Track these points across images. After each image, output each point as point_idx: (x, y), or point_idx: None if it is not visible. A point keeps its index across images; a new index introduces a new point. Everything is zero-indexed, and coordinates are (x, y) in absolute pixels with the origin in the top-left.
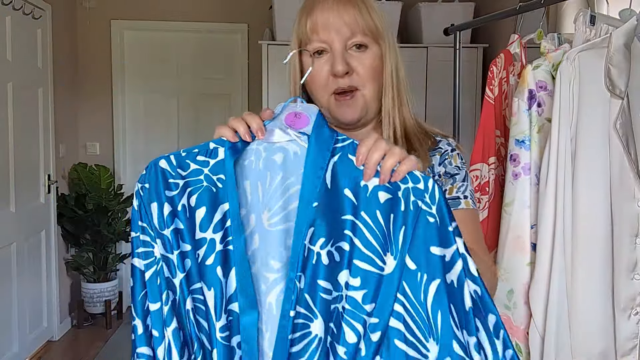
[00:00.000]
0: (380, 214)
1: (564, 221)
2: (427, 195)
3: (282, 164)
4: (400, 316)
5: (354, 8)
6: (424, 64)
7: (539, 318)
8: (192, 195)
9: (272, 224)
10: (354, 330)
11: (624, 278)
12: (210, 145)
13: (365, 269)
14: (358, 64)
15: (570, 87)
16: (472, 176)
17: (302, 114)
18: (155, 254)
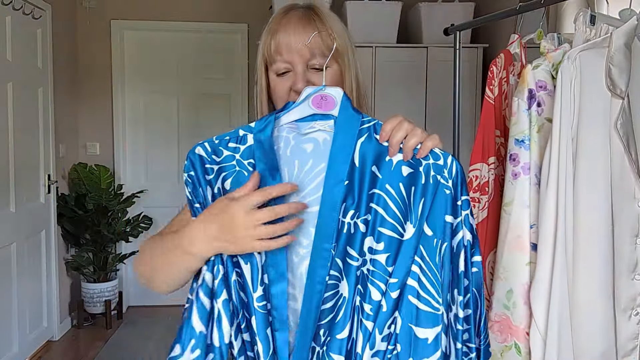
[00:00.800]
0: (402, 186)
1: (565, 221)
2: (445, 170)
3: (312, 152)
4: (416, 275)
5: (313, 31)
6: (424, 64)
7: (540, 318)
8: (226, 179)
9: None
10: (378, 289)
11: (624, 278)
12: (240, 132)
13: (388, 235)
14: (318, 81)
15: (572, 86)
16: (472, 176)
17: (328, 97)
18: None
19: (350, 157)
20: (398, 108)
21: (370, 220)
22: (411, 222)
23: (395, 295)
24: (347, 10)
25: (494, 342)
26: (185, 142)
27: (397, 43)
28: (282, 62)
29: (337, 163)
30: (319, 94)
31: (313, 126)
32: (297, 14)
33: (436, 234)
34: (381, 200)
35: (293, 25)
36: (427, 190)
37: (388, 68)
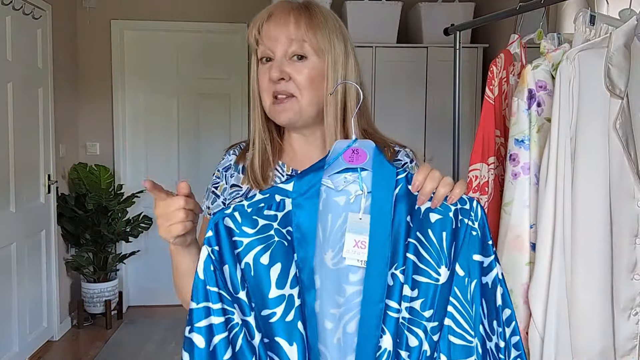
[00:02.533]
0: (432, 232)
1: (564, 221)
2: (472, 214)
3: (344, 205)
4: (451, 315)
5: (295, 21)
6: (424, 64)
7: (538, 318)
8: (264, 253)
9: (337, 262)
10: (415, 336)
11: (623, 278)
12: (276, 197)
13: (423, 282)
14: (295, 72)
15: (570, 86)
16: (472, 176)
17: (359, 150)
18: (235, 319)
19: (392, 213)
20: (398, 108)
21: (405, 269)
22: (445, 266)
23: (437, 338)
24: (347, 10)
25: None
26: (185, 142)
27: (397, 43)
28: (264, 48)
29: (381, 220)
30: (350, 148)
31: (346, 178)
32: (288, 5)
33: (466, 273)
34: (414, 248)
35: (278, 12)
36: (457, 234)
37: (388, 68)
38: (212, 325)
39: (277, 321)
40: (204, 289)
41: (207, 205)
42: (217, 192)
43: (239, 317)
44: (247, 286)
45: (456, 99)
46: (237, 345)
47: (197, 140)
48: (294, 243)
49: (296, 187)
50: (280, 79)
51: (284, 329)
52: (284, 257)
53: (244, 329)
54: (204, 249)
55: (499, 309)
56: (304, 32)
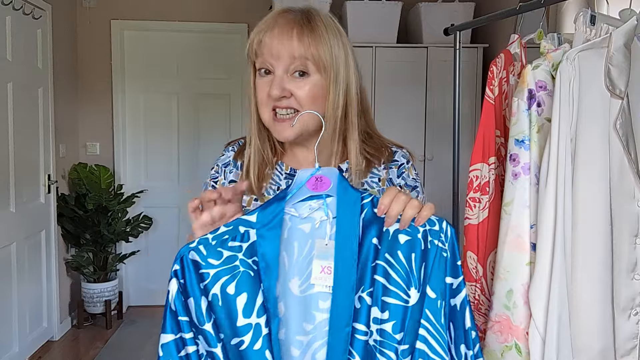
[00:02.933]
0: (401, 253)
1: (564, 221)
2: (442, 235)
3: (309, 233)
4: (423, 337)
5: (298, 37)
6: (424, 64)
7: (539, 318)
8: (230, 283)
9: (304, 289)
10: (387, 358)
11: (623, 278)
12: (240, 229)
13: (392, 303)
14: (296, 88)
15: (570, 87)
16: (472, 176)
17: (323, 177)
18: (201, 350)
19: (358, 236)
20: (398, 108)
21: (374, 291)
22: (415, 287)
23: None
24: (347, 10)
25: (494, 342)
26: (185, 142)
27: (397, 43)
28: (263, 61)
29: (346, 245)
30: (314, 176)
31: (311, 205)
32: (290, 17)
33: (438, 295)
34: (382, 270)
35: (281, 26)
36: (427, 255)
37: (388, 68)
38: (188, 355)
39: (245, 349)
40: (176, 320)
41: None
42: (216, 187)
43: (204, 349)
44: (214, 317)
45: (456, 99)
46: None
47: (197, 140)
48: (260, 272)
49: (259, 218)
50: (282, 96)
51: (253, 357)
52: (250, 286)
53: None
54: (173, 281)
55: (468, 331)
56: (306, 49)
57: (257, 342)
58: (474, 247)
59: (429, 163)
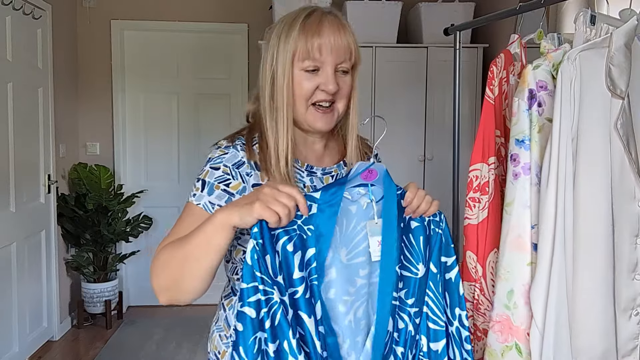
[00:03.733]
0: (412, 236)
1: (565, 221)
2: (441, 224)
3: (355, 213)
4: (427, 304)
5: (347, 38)
6: (424, 64)
7: (539, 318)
8: (288, 243)
9: (350, 258)
10: (402, 320)
11: (624, 278)
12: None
13: (406, 275)
14: (342, 84)
15: (571, 86)
16: (472, 176)
17: (373, 170)
18: (275, 298)
19: (397, 221)
20: (398, 108)
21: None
22: (423, 263)
23: (419, 321)
24: (347, 10)
25: (495, 342)
26: (185, 142)
27: (397, 43)
28: (313, 61)
29: (391, 226)
30: (367, 168)
31: (359, 191)
32: (330, 18)
33: (439, 270)
34: (402, 248)
35: (333, 28)
36: (430, 239)
37: (388, 68)
38: (259, 301)
39: (299, 297)
40: (252, 273)
41: (210, 201)
42: (231, 191)
43: (278, 297)
44: (282, 271)
45: (456, 99)
46: (275, 319)
47: (197, 140)
48: (311, 238)
49: (322, 195)
50: (335, 91)
51: (304, 304)
52: (301, 247)
53: (282, 306)
54: (251, 241)
55: (461, 297)
56: (352, 51)
57: (307, 291)
58: (474, 247)
59: (429, 163)
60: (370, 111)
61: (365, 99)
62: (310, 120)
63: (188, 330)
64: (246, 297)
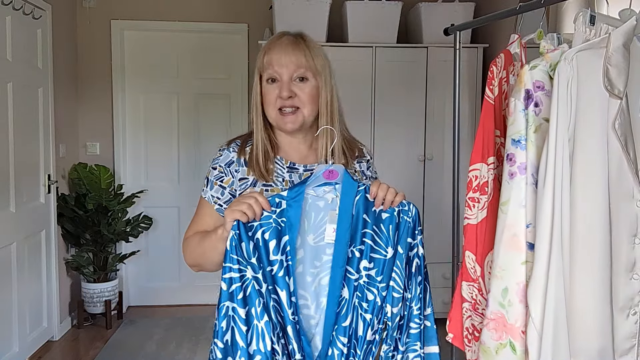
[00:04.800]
0: (383, 225)
1: (562, 221)
2: (409, 212)
3: (323, 207)
4: (393, 278)
5: (300, 51)
6: (424, 64)
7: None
8: (265, 232)
9: (316, 241)
10: (371, 293)
11: (622, 278)
12: (276, 199)
13: (376, 257)
14: (299, 91)
15: (568, 87)
16: (471, 176)
17: (334, 171)
18: (247, 275)
19: (352, 211)
20: (398, 108)
21: (364, 249)
22: (391, 247)
23: (385, 293)
24: (347, 10)
25: (489, 339)
26: (185, 142)
27: (397, 43)
28: (271, 72)
29: (345, 216)
30: (327, 170)
31: (325, 189)
32: (289, 38)
33: (404, 251)
34: (370, 236)
35: (285, 45)
36: (399, 226)
37: (388, 68)
38: (231, 278)
39: (275, 274)
40: (229, 255)
41: (212, 194)
42: (224, 185)
43: (250, 274)
44: (258, 253)
45: (456, 99)
46: (247, 290)
47: (197, 140)
48: (285, 228)
49: (289, 194)
50: (288, 97)
51: (278, 280)
52: (276, 235)
53: (253, 281)
54: (231, 232)
55: (414, 272)
56: (306, 60)
57: (281, 270)
58: (473, 247)
59: (429, 163)
60: (370, 111)
61: (365, 99)
62: (280, 124)
63: (188, 330)
64: (223, 273)
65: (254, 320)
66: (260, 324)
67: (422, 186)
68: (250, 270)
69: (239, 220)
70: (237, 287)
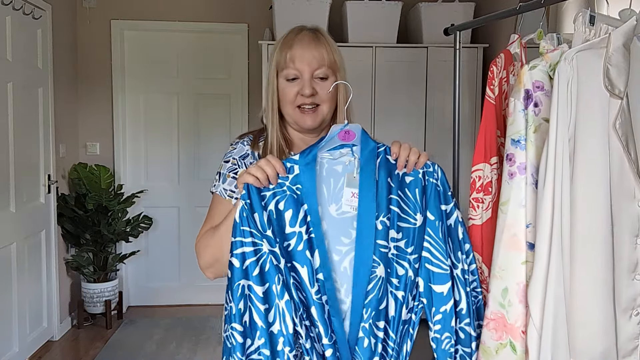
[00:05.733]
0: (408, 190)
1: (562, 221)
2: (435, 174)
3: (342, 171)
4: (427, 249)
5: (323, 48)
6: (424, 64)
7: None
8: (280, 202)
9: (340, 213)
10: (401, 267)
11: (624, 279)
12: (287, 164)
13: (404, 226)
14: (320, 89)
15: (568, 87)
16: (475, 177)
17: (350, 131)
18: (264, 249)
19: (375, 178)
20: (398, 108)
21: (391, 218)
22: (420, 213)
23: (417, 266)
24: (347, 10)
25: (489, 339)
26: (185, 142)
27: (397, 43)
28: (293, 70)
29: (367, 183)
30: (343, 130)
31: (341, 152)
32: (309, 34)
33: (436, 218)
34: (396, 203)
35: (307, 41)
36: (426, 189)
37: (388, 68)
38: (244, 253)
39: (292, 249)
40: (240, 228)
41: (224, 188)
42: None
43: (267, 248)
44: (272, 226)
45: (456, 99)
46: (265, 266)
47: (197, 140)
48: (302, 196)
49: (300, 158)
50: (311, 94)
51: (297, 255)
52: (293, 205)
53: (271, 256)
54: (240, 202)
55: (462, 242)
56: (328, 58)
57: (300, 244)
58: (479, 248)
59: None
60: (370, 111)
61: (366, 99)
62: (298, 120)
63: (188, 330)
64: (233, 249)
65: (276, 299)
66: (281, 303)
67: None
68: (266, 244)
69: (251, 185)
70: (252, 262)
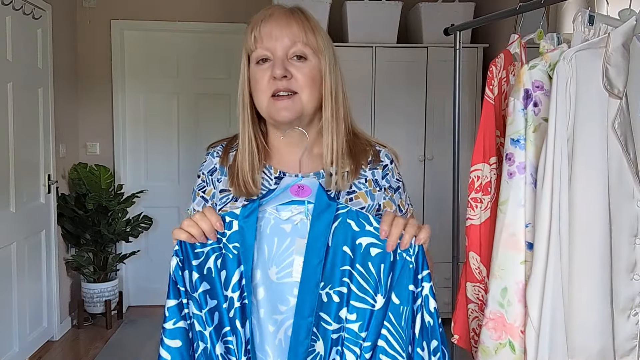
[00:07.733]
0: (372, 265)
1: (560, 221)
2: (411, 250)
3: (290, 232)
4: (384, 337)
5: (296, 22)
6: (424, 64)
7: (535, 317)
8: (217, 260)
9: (280, 277)
10: (352, 352)
11: (623, 278)
12: (226, 218)
13: (359, 307)
14: (297, 71)
15: (567, 87)
16: (474, 177)
17: (304, 186)
18: (190, 313)
19: (326, 242)
20: (398, 108)
21: (345, 294)
22: (381, 294)
23: (369, 356)
24: (347, 10)
25: (488, 339)
26: (185, 142)
27: (397, 43)
28: (262, 49)
29: (316, 247)
30: (296, 184)
31: (291, 210)
32: (281, 8)
33: (402, 302)
34: (353, 278)
35: (277, 15)
36: (395, 266)
37: (388, 68)
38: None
39: (224, 315)
40: (177, 288)
41: (194, 208)
42: (206, 197)
43: (191, 312)
44: (204, 286)
45: (456, 99)
46: (190, 332)
47: (197, 140)
48: (240, 256)
49: (242, 211)
50: (283, 76)
51: (229, 322)
52: (229, 266)
53: (194, 320)
54: (174, 258)
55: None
56: (305, 34)
57: (231, 311)
58: (477, 248)
59: (429, 163)
60: (370, 111)
61: (365, 99)
62: (272, 112)
63: None
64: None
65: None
66: None
67: (422, 186)
68: (192, 307)
69: (184, 242)
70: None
